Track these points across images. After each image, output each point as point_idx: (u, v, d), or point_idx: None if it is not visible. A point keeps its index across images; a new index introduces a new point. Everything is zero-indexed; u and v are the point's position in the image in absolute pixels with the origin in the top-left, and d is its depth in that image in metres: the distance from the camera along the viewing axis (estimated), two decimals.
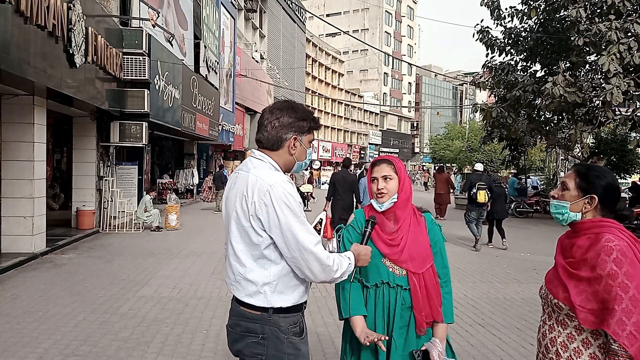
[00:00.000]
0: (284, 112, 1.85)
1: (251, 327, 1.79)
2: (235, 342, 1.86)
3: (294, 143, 1.86)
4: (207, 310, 5.21)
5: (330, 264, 1.76)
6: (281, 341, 1.78)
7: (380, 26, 64.78)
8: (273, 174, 1.78)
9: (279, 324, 1.78)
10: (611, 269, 1.54)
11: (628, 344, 1.48)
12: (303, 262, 1.73)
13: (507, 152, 20.10)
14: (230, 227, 1.83)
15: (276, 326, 1.78)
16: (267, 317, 1.78)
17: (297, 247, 1.71)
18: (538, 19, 14.68)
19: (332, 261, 1.77)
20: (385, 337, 1.97)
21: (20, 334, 4.38)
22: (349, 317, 2.06)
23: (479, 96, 71.30)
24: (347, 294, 2.08)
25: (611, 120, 12.38)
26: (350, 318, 2.06)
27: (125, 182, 12.27)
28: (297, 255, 1.72)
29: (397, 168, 2.13)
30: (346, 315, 2.07)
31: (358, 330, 2.02)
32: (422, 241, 2.10)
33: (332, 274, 1.78)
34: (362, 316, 2.05)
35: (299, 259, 1.73)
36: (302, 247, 1.71)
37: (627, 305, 1.50)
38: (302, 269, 1.75)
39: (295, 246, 1.71)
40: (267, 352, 1.78)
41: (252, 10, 28.83)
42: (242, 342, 1.82)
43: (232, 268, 1.85)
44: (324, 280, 1.79)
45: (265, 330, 1.78)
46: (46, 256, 8.00)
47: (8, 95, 7.81)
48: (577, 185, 1.74)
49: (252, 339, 1.79)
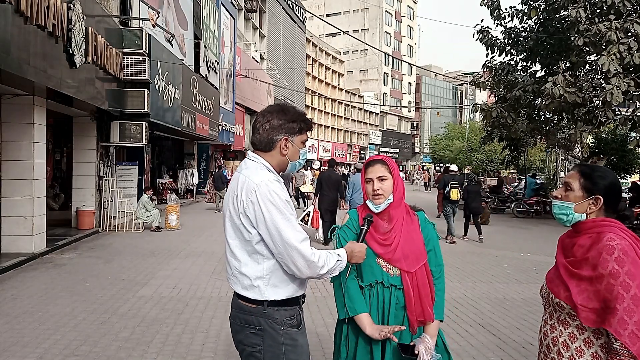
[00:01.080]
0: (274, 114, 1.94)
1: (248, 319, 1.88)
2: (236, 333, 1.96)
3: (285, 144, 1.94)
4: (207, 310, 5.20)
5: (315, 260, 1.82)
6: (277, 332, 1.86)
7: (380, 26, 64.80)
8: (261, 174, 1.87)
9: (274, 317, 1.86)
10: (613, 268, 1.54)
11: (630, 342, 1.48)
12: (288, 257, 1.80)
13: (507, 152, 20.09)
14: (226, 224, 1.94)
15: (271, 318, 1.86)
16: (262, 310, 1.86)
17: (282, 243, 1.79)
18: (538, 19, 14.67)
19: (318, 258, 1.83)
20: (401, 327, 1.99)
21: (20, 334, 4.38)
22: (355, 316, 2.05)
23: (479, 96, 71.30)
24: (350, 292, 2.08)
25: (611, 120, 12.36)
26: (356, 317, 2.05)
27: (125, 182, 12.27)
28: (282, 251, 1.80)
29: (391, 168, 2.14)
30: (352, 313, 2.05)
31: (368, 329, 2.02)
32: (416, 239, 2.11)
33: (317, 270, 1.84)
34: (367, 313, 2.06)
35: (284, 254, 1.80)
36: (286, 244, 1.78)
37: (629, 304, 1.50)
38: (288, 264, 1.82)
39: (280, 242, 1.79)
40: (264, 342, 1.86)
41: (252, 10, 28.85)
42: (242, 333, 1.92)
43: (229, 263, 1.95)
44: (311, 276, 1.85)
45: (261, 322, 1.86)
46: (46, 256, 8.00)
47: (8, 95, 7.81)
48: (582, 186, 1.73)
49: (250, 330, 1.88)
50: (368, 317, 2.05)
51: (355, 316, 2.05)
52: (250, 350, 1.89)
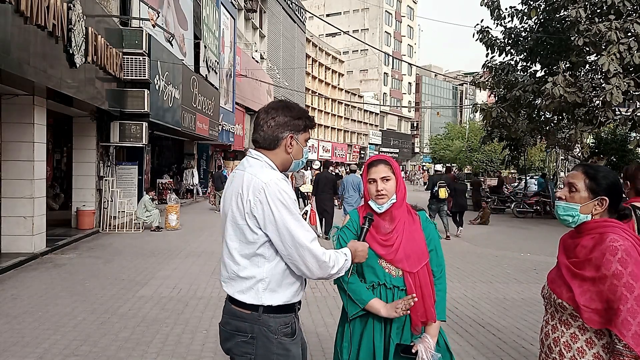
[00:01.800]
0: (279, 111, 1.87)
1: (241, 326, 1.80)
2: (226, 340, 1.87)
3: (290, 142, 1.87)
4: (207, 310, 5.20)
5: (327, 260, 1.76)
6: (270, 341, 1.77)
7: (380, 26, 64.79)
8: (268, 172, 1.79)
9: (269, 324, 1.78)
10: (616, 269, 1.54)
11: (633, 343, 1.48)
12: (299, 258, 1.73)
13: (507, 152, 20.09)
14: (226, 225, 1.84)
15: (265, 326, 1.77)
16: (257, 317, 1.77)
17: (292, 244, 1.72)
18: (538, 19, 14.67)
19: (329, 257, 1.78)
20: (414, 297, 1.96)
21: (20, 334, 4.38)
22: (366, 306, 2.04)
23: (479, 96, 71.28)
24: (352, 286, 2.07)
25: (611, 120, 12.37)
26: (367, 305, 2.04)
27: (125, 182, 12.27)
28: (293, 251, 1.72)
29: (394, 168, 2.13)
30: (362, 304, 2.04)
31: (383, 311, 2.00)
32: (418, 239, 2.10)
33: (328, 270, 1.78)
34: (376, 298, 2.04)
35: (294, 255, 1.73)
36: (297, 244, 1.71)
37: (632, 305, 1.49)
38: (299, 265, 1.75)
39: (291, 243, 1.72)
40: (256, 351, 1.77)
41: (252, 10, 28.84)
42: (232, 341, 1.83)
43: (225, 266, 1.87)
44: (321, 277, 1.79)
45: (254, 330, 1.78)
46: (46, 256, 8.00)
47: (8, 95, 7.80)
48: (587, 187, 1.71)
49: (242, 337, 1.79)
50: (379, 301, 2.04)
51: (366, 305, 2.04)
52: (240, 359, 1.81)
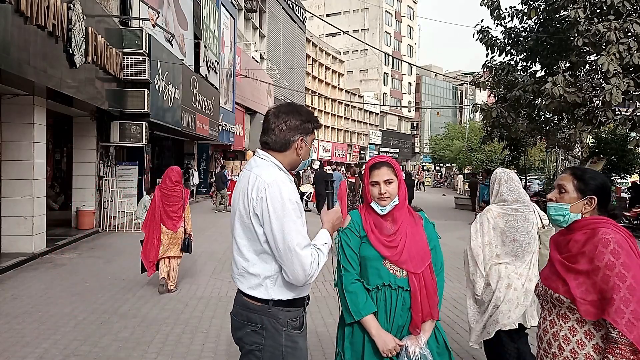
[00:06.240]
0: (290, 115, 1.94)
1: (251, 317, 1.88)
2: (237, 329, 1.95)
3: (300, 144, 1.95)
4: (207, 310, 5.21)
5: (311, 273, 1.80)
6: (279, 333, 1.85)
7: (380, 26, 64.77)
8: (273, 173, 1.86)
9: (278, 317, 1.85)
10: (608, 260, 1.59)
11: (627, 331, 1.53)
12: (286, 261, 1.78)
13: (507, 152, 20.08)
14: (235, 223, 1.92)
15: (274, 318, 1.85)
16: (267, 309, 1.85)
17: (283, 246, 1.77)
18: (538, 19, 14.66)
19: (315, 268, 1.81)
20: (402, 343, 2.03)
21: (20, 334, 4.38)
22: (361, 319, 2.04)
23: (479, 96, 71.27)
24: (353, 296, 2.07)
25: (611, 120, 12.36)
26: (362, 320, 2.04)
27: (125, 182, 12.27)
28: (283, 254, 1.78)
29: (396, 170, 2.15)
30: (358, 317, 2.04)
31: (374, 331, 2.02)
32: (420, 240, 2.12)
33: (309, 279, 1.82)
34: (373, 315, 2.05)
35: (283, 257, 1.78)
36: (287, 247, 1.76)
37: (625, 294, 1.54)
38: (284, 268, 1.80)
39: (281, 244, 1.77)
40: (264, 342, 1.85)
41: (252, 10, 28.82)
42: (242, 331, 1.91)
43: (235, 262, 1.94)
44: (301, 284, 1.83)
45: (264, 321, 1.85)
46: (46, 256, 8.00)
47: (8, 95, 7.81)
48: (576, 187, 1.80)
49: (252, 328, 1.87)
50: (374, 320, 2.05)
51: (362, 319, 2.05)
52: (249, 348, 1.89)
